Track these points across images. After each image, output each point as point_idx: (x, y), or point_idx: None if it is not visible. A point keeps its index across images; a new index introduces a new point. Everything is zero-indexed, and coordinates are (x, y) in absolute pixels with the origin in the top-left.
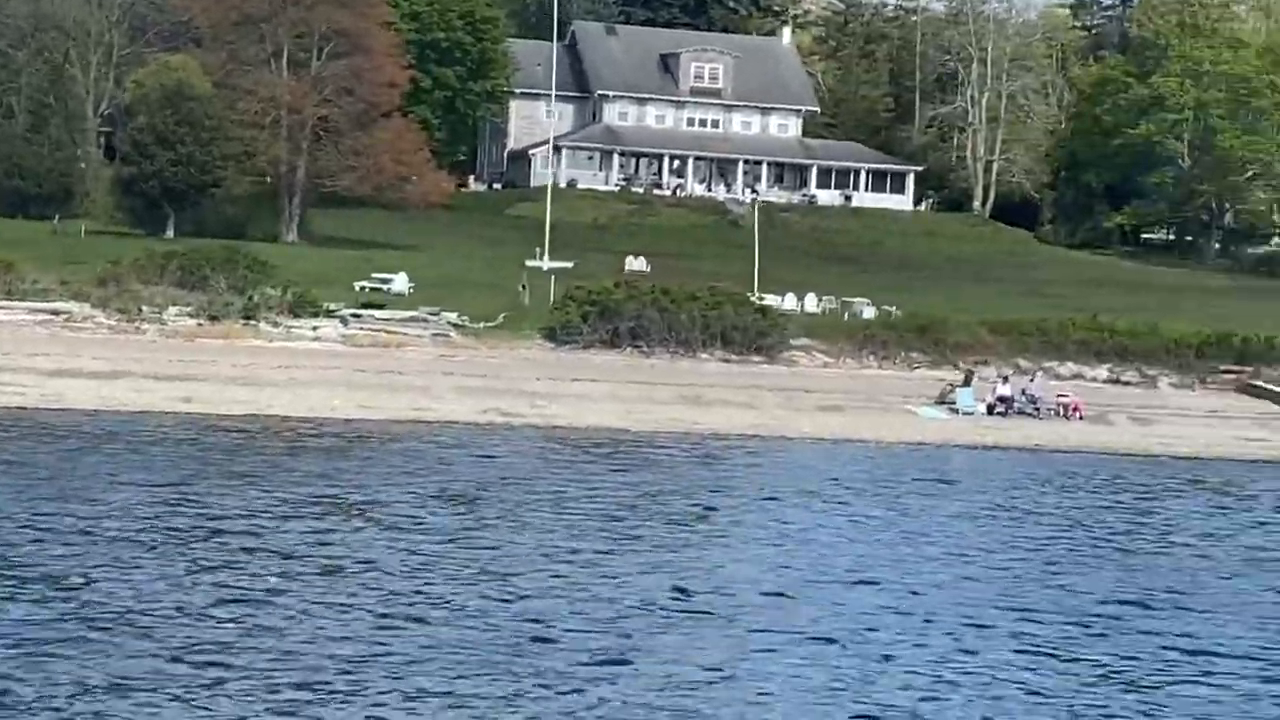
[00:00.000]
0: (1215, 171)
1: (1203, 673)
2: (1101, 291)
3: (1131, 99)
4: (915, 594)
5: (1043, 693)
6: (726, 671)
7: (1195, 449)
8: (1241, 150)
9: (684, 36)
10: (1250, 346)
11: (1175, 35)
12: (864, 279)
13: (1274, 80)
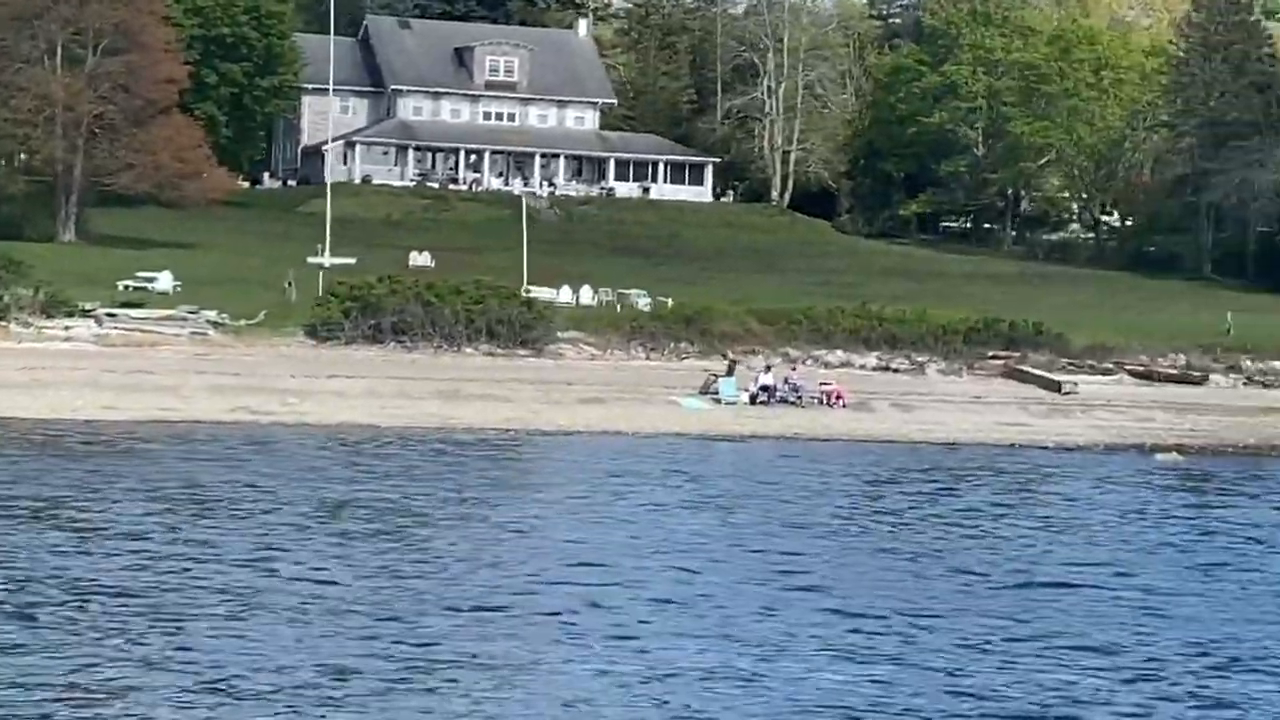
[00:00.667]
0: (1008, 159)
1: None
2: (891, 280)
3: (925, 87)
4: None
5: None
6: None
7: (952, 435)
8: (1032, 137)
9: (479, 30)
10: (1018, 332)
11: (966, 24)
12: (656, 271)
13: (1063, 67)
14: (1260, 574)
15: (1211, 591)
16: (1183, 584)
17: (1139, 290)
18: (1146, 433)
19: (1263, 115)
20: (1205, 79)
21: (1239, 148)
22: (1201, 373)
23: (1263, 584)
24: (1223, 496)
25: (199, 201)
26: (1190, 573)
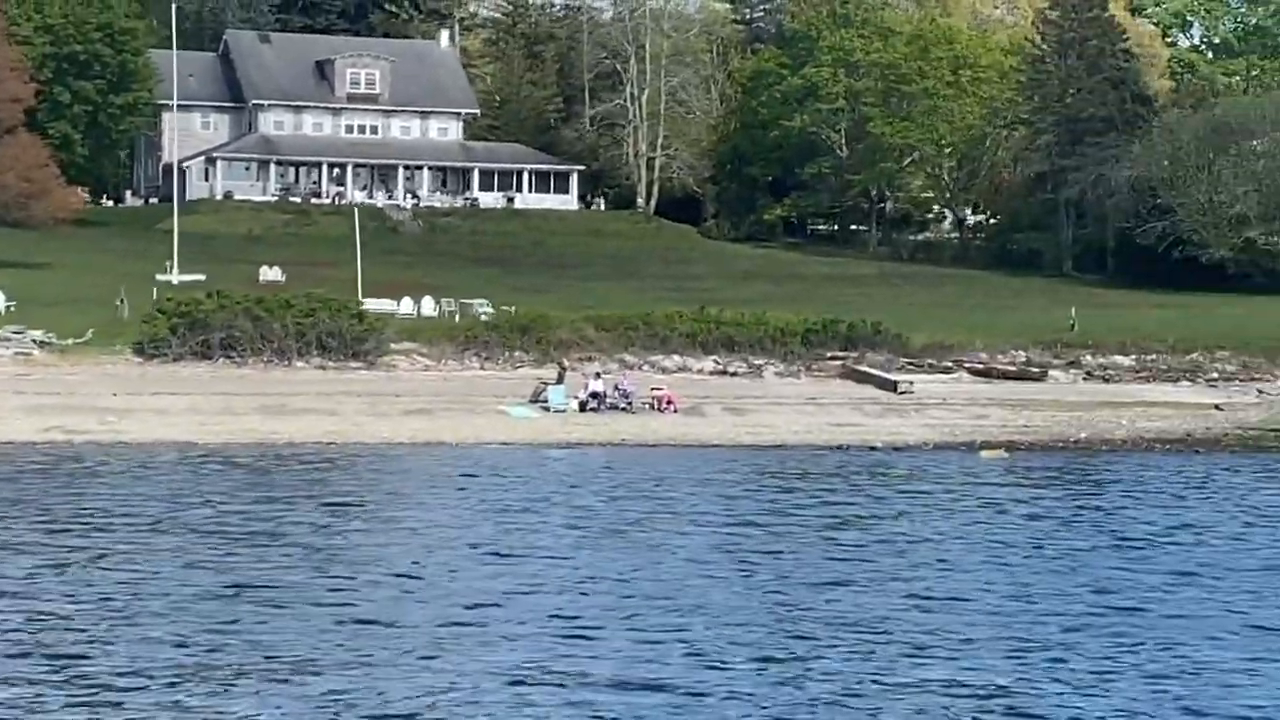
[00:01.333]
0: (869, 160)
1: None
2: (753, 283)
3: (786, 90)
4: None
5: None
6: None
7: (782, 437)
8: (892, 137)
9: (339, 42)
10: (856, 332)
11: (826, 26)
12: (513, 279)
13: (922, 67)
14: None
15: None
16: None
17: (996, 288)
18: (979, 430)
19: (1118, 111)
20: (1061, 76)
21: (1095, 144)
22: (1041, 369)
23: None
24: (1035, 490)
25: (45, 221)
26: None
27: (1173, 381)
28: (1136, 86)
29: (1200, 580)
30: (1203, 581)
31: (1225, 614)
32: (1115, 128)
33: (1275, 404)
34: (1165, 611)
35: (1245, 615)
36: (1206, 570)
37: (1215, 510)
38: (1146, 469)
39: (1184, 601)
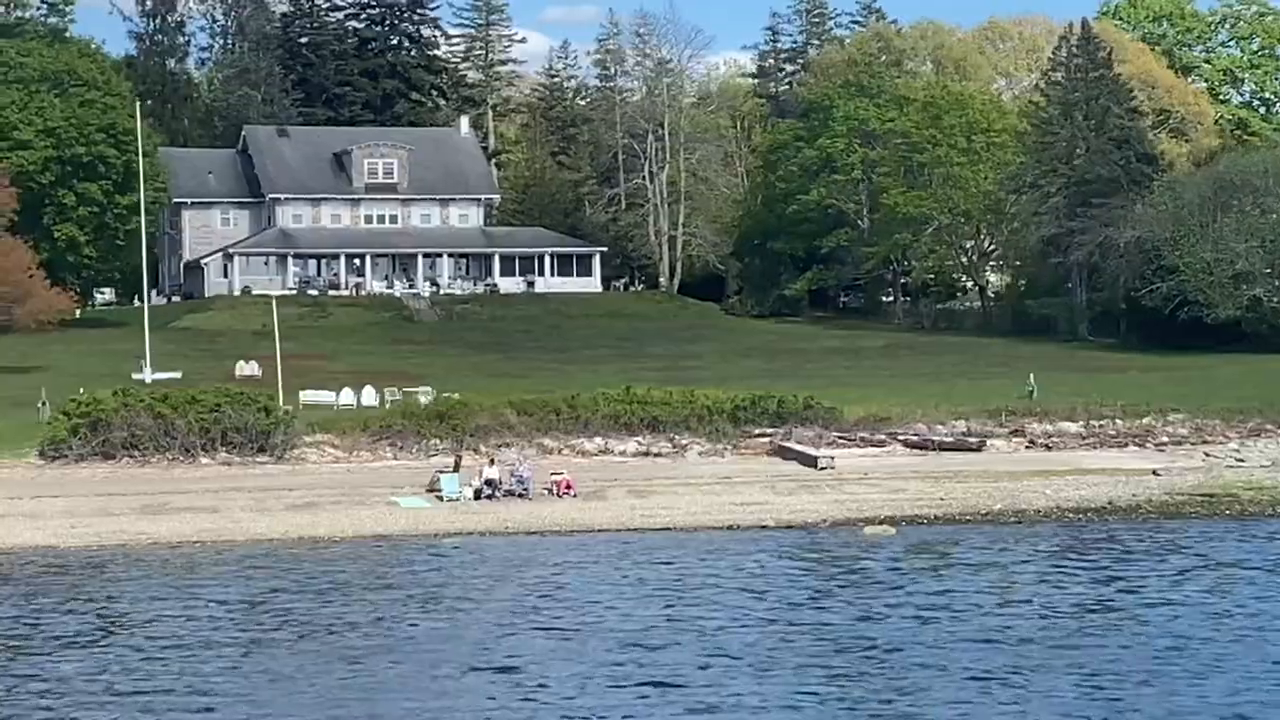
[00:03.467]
0: (886, 231)
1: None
2: (748, 359)
3: (803, 162)
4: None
5: None
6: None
7: (677, 519)
8: (906, 207)
9: (357, 133)
10: (786, 407)
11: (841, 96)
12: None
13: (935, 135)
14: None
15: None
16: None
17: (996, 356)
18: (891, 504)
19: (1123, 171)
20: (1067, 137)
21: (1101, 205)
22: (980, 439)
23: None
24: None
25: (28, 325)
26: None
27: (1120, 447)
28: (1142, 146)
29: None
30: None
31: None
32: (1121, 188)
33: (1215, 468)
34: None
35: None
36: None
37: (1023, 580)
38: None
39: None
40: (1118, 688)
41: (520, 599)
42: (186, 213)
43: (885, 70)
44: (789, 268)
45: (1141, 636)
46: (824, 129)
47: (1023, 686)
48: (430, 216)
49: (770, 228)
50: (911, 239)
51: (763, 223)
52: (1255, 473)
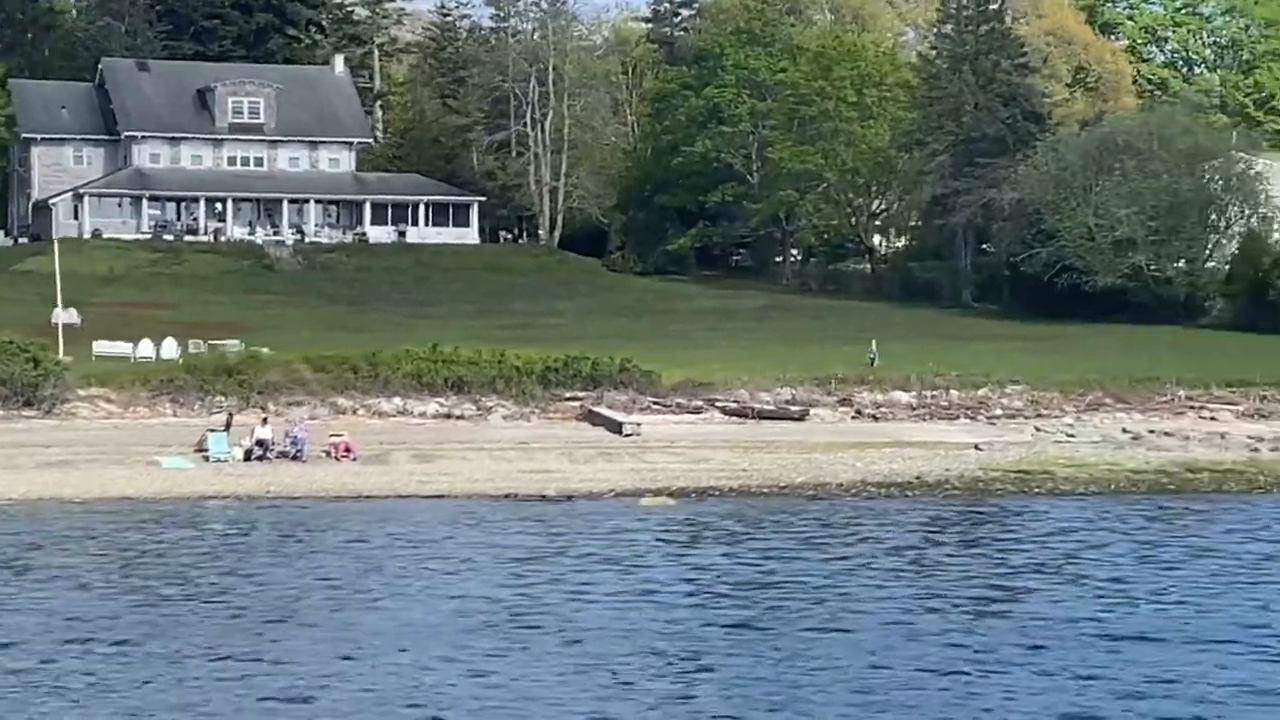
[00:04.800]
0: (772, 187)
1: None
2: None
3: (690, 112)
4: None
5: None
6: None
7: (453, 486)
8: (792, 163)
9: (221, 69)
10: (600, 370)
11: (731, 43)
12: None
13: (824, 87)
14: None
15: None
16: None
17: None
18: (690, 475)
19: (1010, 130)
20: (955, 92)
21: (987, 165)
22: (803, 408)
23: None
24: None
25: None
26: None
27: (951, 419)
28: (1030, 104)
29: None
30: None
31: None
32: (1008, 148)
33: (1041, 443)
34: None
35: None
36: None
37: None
38: (800, 515)
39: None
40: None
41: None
42: (36, 149)
43: (780, 18)
44: (675, 223)
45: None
46: (713, 78)
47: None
48: (299, 160)
49: (656, 181)
50: (798, 196)
51: (649, 175)
52: (1081, 449)
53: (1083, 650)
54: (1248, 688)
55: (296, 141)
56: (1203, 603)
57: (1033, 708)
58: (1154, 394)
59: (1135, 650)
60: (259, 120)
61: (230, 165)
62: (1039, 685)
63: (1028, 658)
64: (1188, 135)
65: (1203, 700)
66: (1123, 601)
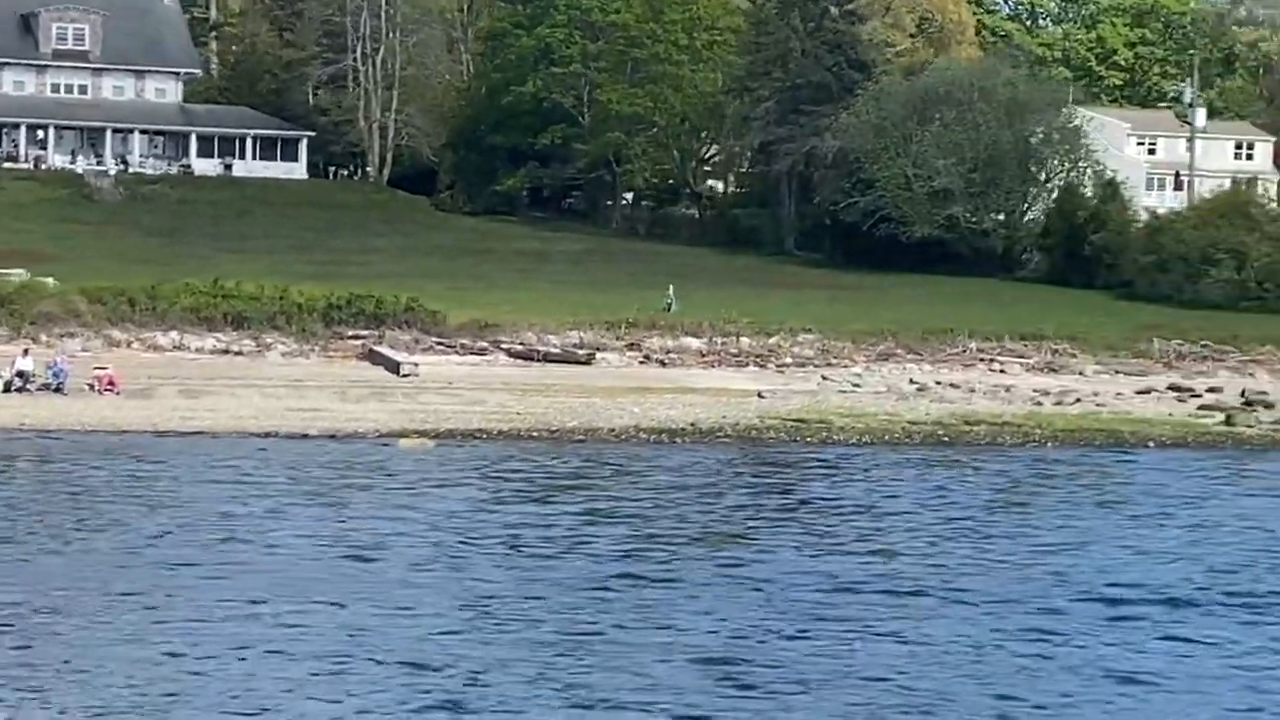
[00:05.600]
0: (601, 129)
1: None
2: (428, 259)
3: (521, 51)
4: None
5: None
6: None
7: (217, 424)
8: (621, 106)
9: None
10: (385, 309)
11: None
12: (174, 249)
13: (654, 29)
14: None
15: None
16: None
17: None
18: (462, 417)
19: (835, 78)
20: (782, 38)
21: (811, 113)
22: (590, 351)
23: None
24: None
25: None
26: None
27: (740, 366)
28: (856, 51)
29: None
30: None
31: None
32: (832, 95)
33: (824, 393)
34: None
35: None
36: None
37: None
38: (554, 458)
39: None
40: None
41: None
42: None
43: None
44: (505, 163)
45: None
46: (545, 17)
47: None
48: (124, 89)
49: (488, 120)
50: (626, 139)
51: (481, 115)
52: (864, 399)
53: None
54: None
55: (122, 70)
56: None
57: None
58: (946, 346)
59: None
60: (84, 47)
61: (54, 93)
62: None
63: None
64: (1009, 87)
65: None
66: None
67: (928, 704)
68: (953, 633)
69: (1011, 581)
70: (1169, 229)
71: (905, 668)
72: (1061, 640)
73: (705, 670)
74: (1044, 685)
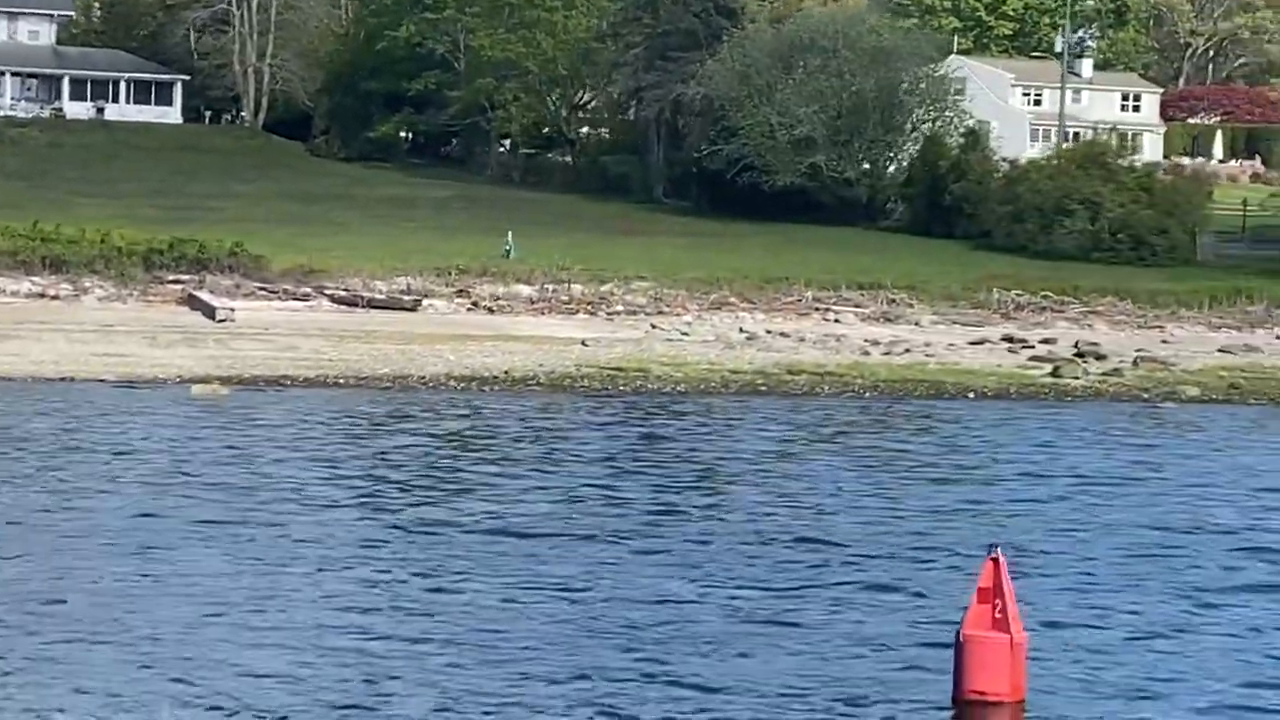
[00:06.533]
0: (473, 75)
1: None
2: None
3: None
4: None
5: None
6: None
7: (13, 369)
8: (493, 51)
9: None
10: (208, 253)
11: None
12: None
13: None
14: None
15: None
16: None
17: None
18: (272, 363)
19: (703, 24)
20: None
21: (679, 59)
22: (416, 298)
23: None
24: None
25: None
26: None
27: (570, 314)
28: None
29: None
30: None
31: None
32: (699, 42)
33: (648, 341)
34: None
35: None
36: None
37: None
38: (340, 408)
39: None
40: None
41: None
42: None
43: None
44: (380, 109)
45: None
46: None
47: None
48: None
49: (364, 66)
50: (497, 85)
51: (357, 60)
52: (690, 348)
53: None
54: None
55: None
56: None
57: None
58: (782, 294)
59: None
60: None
61: None
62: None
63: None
64: (873, 35)
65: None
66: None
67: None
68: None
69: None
70: (1025, 179)
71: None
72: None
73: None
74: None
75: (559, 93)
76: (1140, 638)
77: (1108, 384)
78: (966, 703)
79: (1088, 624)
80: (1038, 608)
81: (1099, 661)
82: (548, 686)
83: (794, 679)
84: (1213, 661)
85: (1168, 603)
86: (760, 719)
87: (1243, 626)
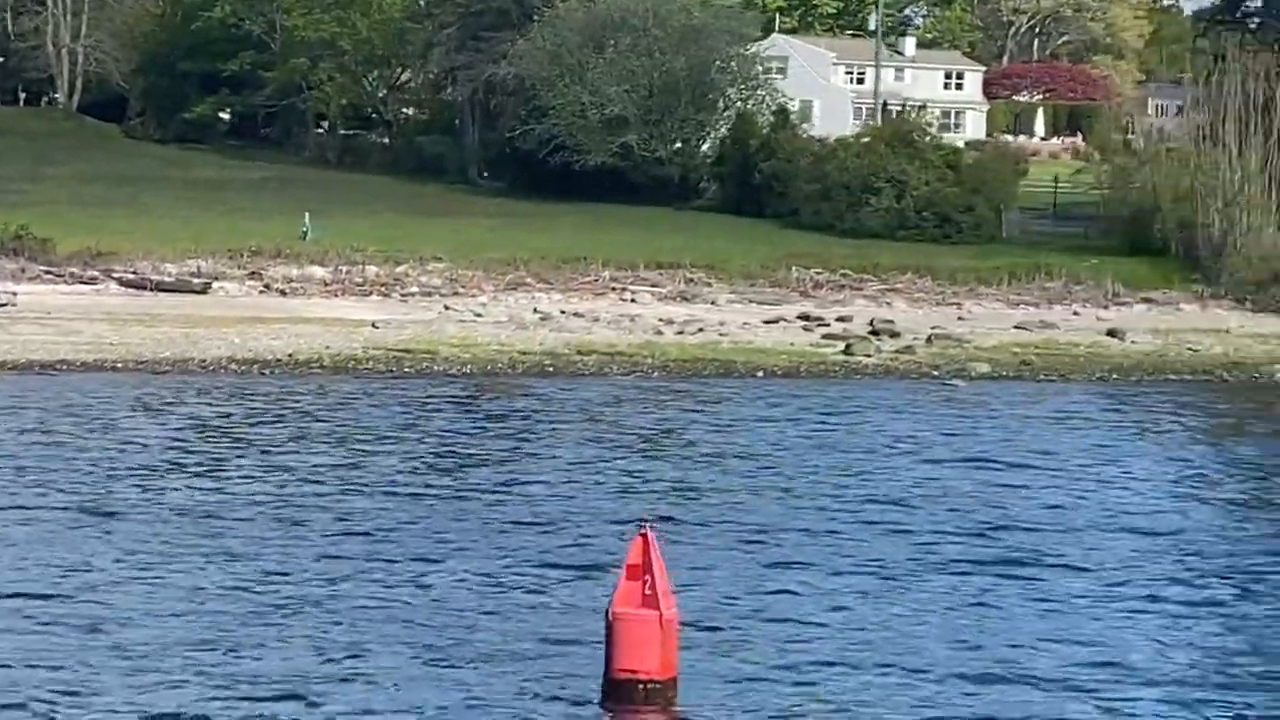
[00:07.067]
0: (290, 55)
1: None
2: (89, 186)
3: None
4: None
5: None
6: None
7: None
8: (306, 31)
9: None
10: None
11: None
12: None
13: None
14: None
15: None
16: None
17: (358, 194)
18: (51, 348)
19: (516, 4)
20: None
21: (491, 39)
22: (206, 281)
23: None
24: None
25: None
26: None
27: (364, 296)
28: None
29: None
30: None
31: None
32: (512, 22)
33: (440, 323)
34: None
35: None
36: None
37: None
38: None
39: None
40: None
41: None
42: None
43: None
44: (196, 90)
45: None
46: None
47: None
48: None
49: (179, 46)
50: (311, 66)
51: (173, 40)
52: (482, 329)
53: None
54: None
55: None
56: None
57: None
58: (579, 274)
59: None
60: None
61: None
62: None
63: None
64: (684, 14)
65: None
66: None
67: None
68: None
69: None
70: (834, 158)
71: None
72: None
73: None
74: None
75: (376, 73)
76: (804, 620)
77: (899, 361)
78: (617, 682)
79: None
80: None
81: (758, 638)
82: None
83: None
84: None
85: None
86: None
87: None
